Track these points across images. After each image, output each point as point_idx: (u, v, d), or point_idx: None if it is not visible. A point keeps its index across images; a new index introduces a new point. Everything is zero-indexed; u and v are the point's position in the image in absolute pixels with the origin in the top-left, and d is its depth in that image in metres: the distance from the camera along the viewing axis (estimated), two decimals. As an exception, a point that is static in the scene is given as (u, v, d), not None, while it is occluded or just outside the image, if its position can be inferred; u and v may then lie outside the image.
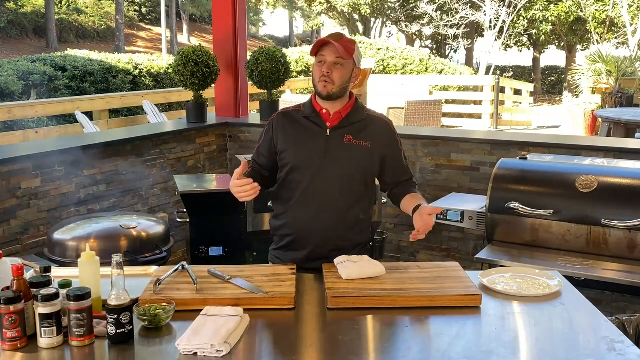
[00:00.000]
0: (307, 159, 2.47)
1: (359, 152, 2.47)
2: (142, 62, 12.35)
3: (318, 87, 2.43)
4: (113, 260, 1.87)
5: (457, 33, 20.68)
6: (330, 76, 2.39)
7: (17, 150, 4.15)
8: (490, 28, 18.93)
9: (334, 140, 2.46)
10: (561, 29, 20.97)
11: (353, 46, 2.43)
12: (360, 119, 2.50)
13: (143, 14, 30.67)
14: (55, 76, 11.00)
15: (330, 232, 2.49)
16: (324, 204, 2.47)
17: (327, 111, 2.49)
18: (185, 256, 4.19)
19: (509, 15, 18.84)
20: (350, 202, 2.50)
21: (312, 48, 2.42)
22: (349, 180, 2.48)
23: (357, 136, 2.47)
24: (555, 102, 20.94)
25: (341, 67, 2.40)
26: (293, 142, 2.50)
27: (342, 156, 2.45)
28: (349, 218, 2.51)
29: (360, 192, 2.53)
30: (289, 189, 2.52)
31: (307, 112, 2.52)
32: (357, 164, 2.47)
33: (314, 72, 2.45)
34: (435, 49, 24.96)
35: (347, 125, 2.48)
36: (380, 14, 24.18)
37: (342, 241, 2.51)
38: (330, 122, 2.48)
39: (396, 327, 1.99)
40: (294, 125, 2.52)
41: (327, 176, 2.46)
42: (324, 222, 2.48)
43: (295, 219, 2.52)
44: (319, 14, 25.52)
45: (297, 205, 2.51)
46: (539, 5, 19.59)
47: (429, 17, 21.31)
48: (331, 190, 2.46)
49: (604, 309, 2.21)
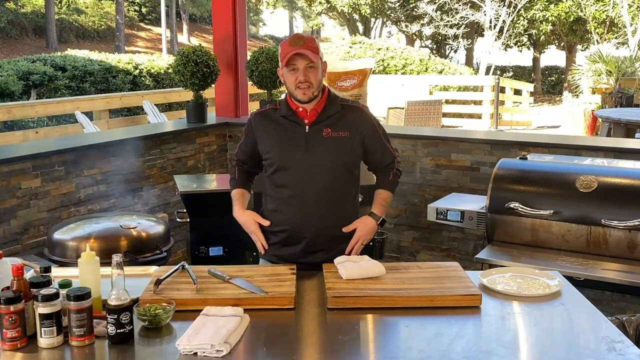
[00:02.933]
0: (291, 157, 2.55)
1: (339, 142, 2.54)
2: (142, 62, 12.36)
3: (296, 94, 2.50)
4: (113, 260, 1.87)
5: (457, 33, 20.68)
6: (307, 81, 2.46)
7: (17, 150, 4.15)
8: (490, 28, 18.93)
9: (313, 135, 2.54)
10: (561, 29, 20.97)
11: (316, 44, 2.50)
12: (336, 110, 2.57)
13: (143, 14, 30.66)
14: (55, 76, 11.00)
15: (323, 223, 2.55)
16: (313, 198, 2.54)
17: (304, 109, 2.56)
18: (185, 256, 4.19)
19: (509, 15, 18.84)
20: (337, 192, 2.58)
21: (282, 58, 2.48)
22: (334, 172, 2.56)
23: (335, 127, 2.55)
24: (555, 102, 20.94)
25: (314, 69, 2.48)
26: (275, 143, 2.58)
27: (323, 149, 2.53)
28: (339, 207, 2.59)
29: (346, 180, 2.61)
30: (277, 188, 2.60)
31: (284, 111, 2.59)
32: (338, 155, 2.55)
33: (287, 79, 2.51)
34: (435, 49, 24.95)
35: (324, 119, 2.56)
36: (380, 14, 24.17)
37: (335, 229, 2.57)
38: (307, 118, 2.56)
39: (396, 327, 1.98)
40: (273, 126, 2.60)
41: (312, 171, 2.53)
42: (315, 215, 2.54)
43: (287, 216, 2.58)
44: (319, 14, 25.51)
45: (287, 203, 2.58)
46: (539, 5, 19.59)
47: (429, 17, 21.31)
48: (318, 184, 2.54)
49: (604, 309, 2.21)
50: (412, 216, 4.84)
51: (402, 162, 4.79)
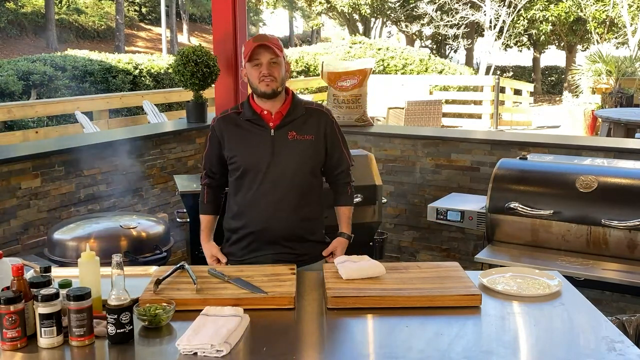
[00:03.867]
0: (256, 161, 2.55)
1: (305, 146, 2.57)
2: (142, 62, 12.35)
3: (260, 87, 2.50)
4: (113, 260, 1.87)
5: (457, 33, 20.68)
6: (271, 75, 2.48)
7: (17, 150, 4.15)
8: (490, 28, 18.93)
9: (279, 139, 2.55)
10: (561, 29, 20.97)
11: (279, 44, 2.53)
12: (301, 114, 2.59)
13: (143, 14, 30.65)
14: (55, 76, 11.00)
15: (289, 224, 2.57)
16: (277, 201, 2.56)
17: (268, 112, 2.56)
18: (185, 256, 4.19)
19: (509, 15, 18.84)
20: (304, 194, 2.60)
21: (245, 53, 2.49)
22: (300, 174, 2.58)
23: (300, 131, 2.56)
24: (555, 102, 20.94)
25: (277, 65, 2.50)
26: (240, 147, 2.58)
27: (289, 153, 2.55)
28: (305, 209, 2.61)
29: (311, 182, 2.63)
30: (242, 191, 2.60)
31: (247, 114, 2.58)
32: (304, 158, 2.57)
33: (251, 75, 2.53)
34: (435, 49, 24.95)
35: (289, 122, 2.56)
36: (380, 14, 24.17)
37: (300, 230, 2.61)
38: (272, 121, 2.56)
39: (396, 327, 1.98)
40: (238, 130, 2.59)
41: (278, 174, 2.55)
42: (280, 218, 2.56)
43: (252, 219, 2.60)
44: (319, 14, 25.51)
45: (252, 206, 2.59)
46: (539, 5, 19.59)
47: (429, 17, 21.31)
48: (283, 187, 2.55)
49: (604, 309, 2.21)
50: (412, 216, 4.84)
51: (402, 162, 4.82)
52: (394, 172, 4.83)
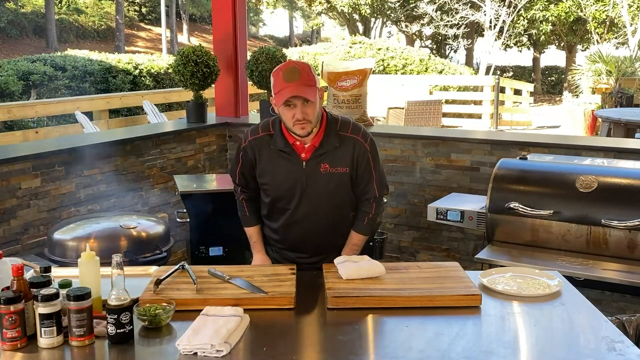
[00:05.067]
0: (288, 191, 2.52)
1: (337, 178, 2.51)
2: (142, 62, 12.34)
3: (294, 130, 2.39)
4: (113, 260, 1.87)
5: (457, 33, 20.68)
6: (305, 118, 2.35)
7: (17, 150, 4.14)
8: (490, 28, 18.93)
9: (311, 172, 2.48)
10: (561, 29, 20.97)
11: (312, 75, 2.36)
12: (334, 145, 2.47)
13: (143, 14, 30.65)
14: (55, 76, 10.99)
15: (321, 241, 2.60)
16: (311, 227, 2.57)
17: (301, 143, 2.47)
18: (185, 256, 4.19)
19: (509, 15, 18.83)
20: (336, 220, 2.60)
21: (276, 92, 2.34)
22: (332, 204, 2.55)
23: (333, 163, 2.48)
24: (555, 102, 20.94)
25: (312, 104, 2.35)
26: (271, 175, 2.52)
27: (321, 185, 2.50)
28: (338, 226, 2.62)
29: (345, 205, 2.61)
30: (275, 213, 2.62)
31: (280, 144, 2.48)
32: (336, 190, 2.53)
33: (284, 115, 2.38)
34: (435, 49, 24.94)
35: (322, 153, 2.47)
36: (380, 14, 24.16)
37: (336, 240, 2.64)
38: (304, 153, 2.48)
39: (396, 327, 1.98)
40: (269, 156, 2.51)
41: (310, 204, 2.52)
42: (313, 240, 2.59)
43: (286, 238, 2.63)
44: (319, 14, 25.51)
45: (285, 227, 2.61)
46: (539, 5, 19.59)
47: (429, 17, 21.31)
48: (316, 215, 2.55)
49: (604, 309, 2.21)
50: (412, 216, 4.84)
51: (402, 162, 4.82)
52: (394, 172, 4.83)
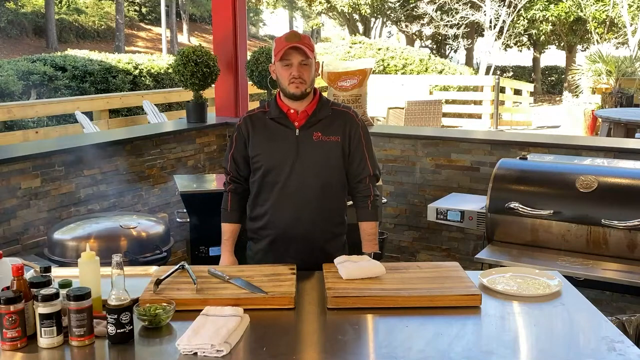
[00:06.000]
0: (280, 160, 2.53)
1: (330, 147, 2.53)
2: (142, 62, 12.34)
3: (289, 89, 2.47)
4: (113, 260, 1.87)
5: (457, 33, 20.67)
6: (301, 77, 2.45)
7: (17, 150, 4.14)
8: (490, 28, 18.92)
9: (303, 139, 2.52)
10: (561, 29, 20.96)
11: (312, 43, 2.50)
12: (327, 114, 2.56)
13: (143, 14, 30.65)
14: (55, 76, 10.98)
15: (312, 227, 2.55)
16: (302, 202, 2.53)
17: (295, 111, 2.54)
18: (185, 256, 4.19)
19: (509, 15, 18.83)
20: (327, 196, 2.56)
21: (276, 51, 2.46)
22: (324, 176, 2.54)
23: (326, 132, 2.54)
24: (555, 102, 20.94)
25: (308, 66, 2.48)
26: (264, 146, 2.55)
27: (313, 154, 2.52)
28: (328, 211, 2.59)
29: (335, 183, 2.59)
30: (265, 192, 2.58)
31: (273, 113, 2.56)
32: (329, 160, 2.54)
33: (280, 75, 2.49)
34: (435, 49, 24.94)
35: (315, 122, 2.54)
36: (380, 14, 24.17)
37: (324, 234, 2.58)
38: (297, 121, 2.54)
39: (396, 327, 1.98)
40: (263, 128, 2.57)
41: (302, 175, 2.52)
42: (304, 220, 2.54)
43: (274, 220, 2.57)
44: (319, 14, 25.53)
45: (275, 207, 2.56)
46: (539, 5, 19.58)
47: (429, 17, 21.29)
48: (308, 188, 2.53)
49: (604, 309, 2.21)
50: (412, 216, 4.84)
51: (402, 162, 4.82)
52: (394, 172, 4.83)
